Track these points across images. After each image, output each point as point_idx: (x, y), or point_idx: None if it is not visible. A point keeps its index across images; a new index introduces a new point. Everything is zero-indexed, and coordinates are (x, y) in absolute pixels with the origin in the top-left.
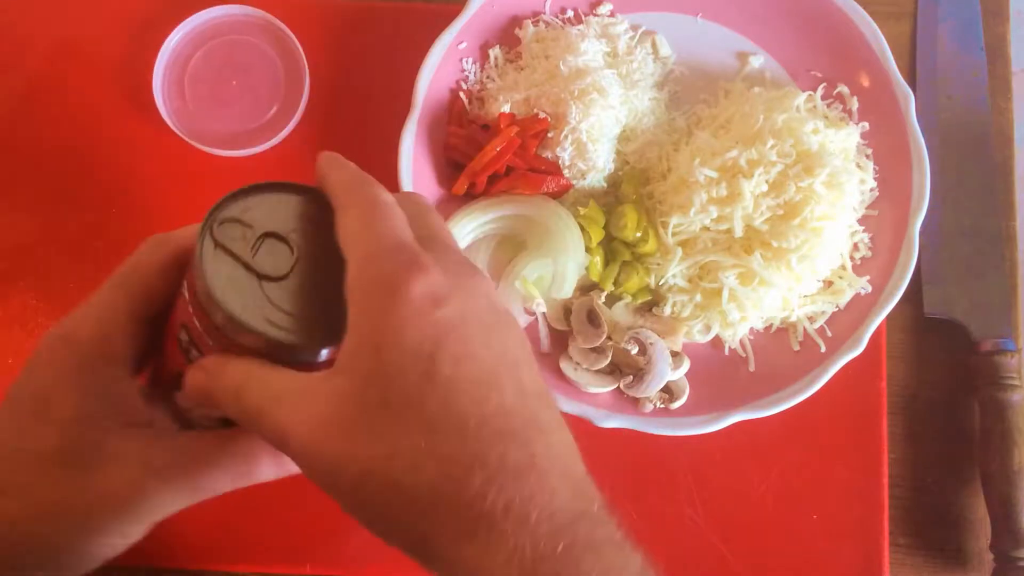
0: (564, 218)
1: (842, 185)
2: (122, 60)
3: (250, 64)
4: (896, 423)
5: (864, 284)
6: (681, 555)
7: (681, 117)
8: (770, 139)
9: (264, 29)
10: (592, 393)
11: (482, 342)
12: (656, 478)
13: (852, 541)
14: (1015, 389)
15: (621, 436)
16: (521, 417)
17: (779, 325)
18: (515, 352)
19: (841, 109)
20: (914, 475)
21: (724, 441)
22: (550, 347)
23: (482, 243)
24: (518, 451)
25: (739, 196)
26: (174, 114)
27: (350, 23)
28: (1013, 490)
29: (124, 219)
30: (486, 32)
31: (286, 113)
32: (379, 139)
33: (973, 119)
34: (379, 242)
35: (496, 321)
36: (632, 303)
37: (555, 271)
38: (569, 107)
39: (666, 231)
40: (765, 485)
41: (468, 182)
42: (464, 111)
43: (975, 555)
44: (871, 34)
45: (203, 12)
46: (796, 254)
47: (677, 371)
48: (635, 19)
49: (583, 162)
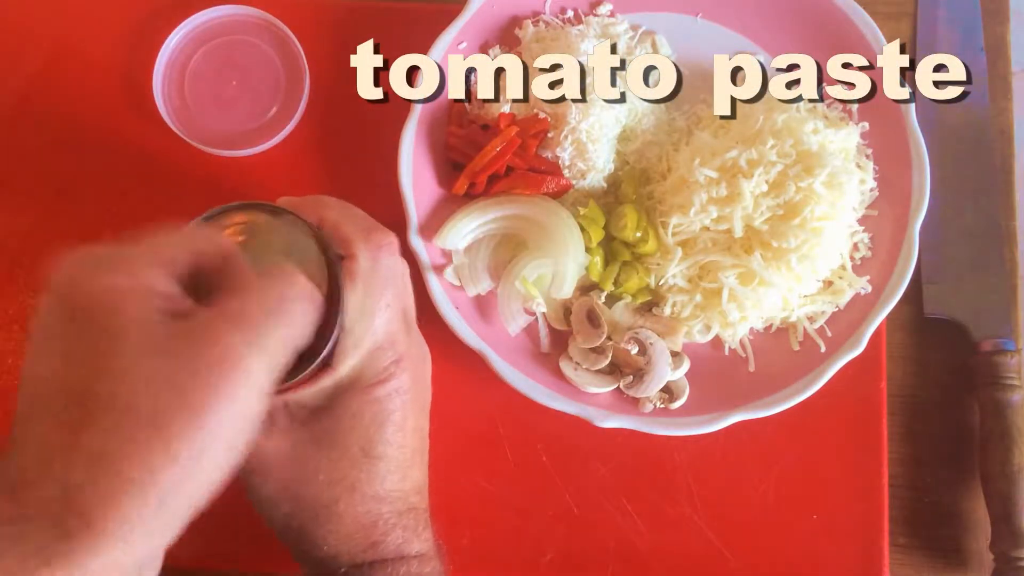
0: (564, 218)
1: (842, 185)
2: (122, 60)
3: (250, 64)
4: (896, 423)
5: (864, 284)
6: (681, 555)
7: (681, 117)
8: (770, 139)
9: (264, 29)
10: (592, 393)
11: (412, 426)
12: (656, 478)
13: (852, 541)
14: (1015, 389)
15: (621, 436)
16: (421, 494)
17: (779, 325)
18: (426, 431)
19: (841, 109)
20: (914, 475)
21: (724, 441)
22: (550, 347)
23: (482, 243)
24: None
25: (739, 196)
26: (174, 114)
27: (350, 23)
28: (1013, 490)
29: (124, 219)
30: (486, 32)
31: (286, 113)
32: (379, 139)
33: (973, 119)
34: (375, 338)
35: (425, 402)
36: (632, 303)
37: (555, 271)
38: (569, 107)
39: (666, 231)
40: (765, 485)
41: (468, 182)
42: (464, 111)
43: (975, 555)
44: (871, 34)
45: (203, 12)
46: (796, 254)
47: (677, 371)
48: (635, 19)
49: (583, 162)
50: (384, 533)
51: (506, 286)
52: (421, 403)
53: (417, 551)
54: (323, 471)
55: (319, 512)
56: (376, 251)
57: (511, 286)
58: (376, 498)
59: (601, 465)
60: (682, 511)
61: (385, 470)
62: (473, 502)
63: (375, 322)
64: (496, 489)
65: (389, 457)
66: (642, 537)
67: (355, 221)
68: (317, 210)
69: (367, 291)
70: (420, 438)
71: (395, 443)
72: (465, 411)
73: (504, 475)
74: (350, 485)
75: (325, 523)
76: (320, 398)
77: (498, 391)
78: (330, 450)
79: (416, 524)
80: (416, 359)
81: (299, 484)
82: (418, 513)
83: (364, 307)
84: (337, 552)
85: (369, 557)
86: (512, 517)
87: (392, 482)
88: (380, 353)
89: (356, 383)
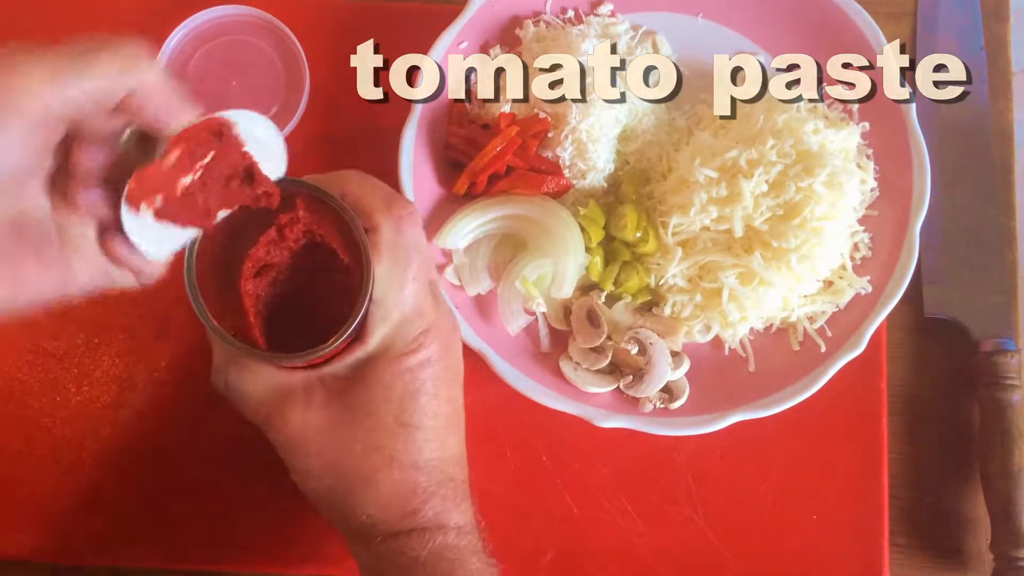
0: (564, 218)
1: (842, 185)
2: None
3: (250, 64)
4: (896, 423)
5: (864, 284)
6: (681, 555)
7: (681, 117)
8: (770, 139)
9: (264, 29)
10: (592, 393)
11: (446, 396)
12: (656, 478)
13: (852, 541)
14: (1015, 389)
15: (621, 436)
16: (459, 465)
17: (779, 325)
18: (461, 401)
19: (841, 109)
20: (914, 475)
21: (724, 441)
22: (550, 347)
23: (482, 243)
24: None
25: (739, 196)
26: None
27: (350, 23)
28: (1013, 490)
29: None
30: (487, 32)
31: (286, 113)
32: (379, 139)
33: (973, 119)
34: (403, 309)
35: (457, 372)
36: (632, 303)
37: (555, 271)
38: (569, 107)
39: (666, 231)
40: (765, 485)
41: (468, 182)
42: (464, 111)
43: (975, 555)
44: (871, 34)
45: (203, 12)
46: (796, 254)
47: (677, 371)
48: (636, 19)
49: (583, 162)
50: (423, 502)
51: (506, 286)
52: (453, 372)
53: (456, 523)
54: (359, 441)
55: (358, 482)
56: (398, 222)
57: (511, 286)
58: (414, 467)
59: (601, 465)
60: (682, 511)
61: (422, 439)
62: (473, 502)
63: (403, 292)
64: (496, 489)
65: (425, 426)
66: (642, 537)
67: (376, 193)
68: (339, 185)
69: (393, 261)
70: (454, 408)
71: (429, 412)
72: (465, 411)
73: (504, 475)
74: (388, 455)
75: (363, 492)
76: (353, 370)
77: (498, 391)
78: (365, 420)
79: (455, 495)
80: (445, 329)
81: (338, 456)
82: (456, 484)
83: (391, 277)
84: (375, 521)
85: (407, 525)
86: (512, 517)
87: (430, 451)
88: (409, 324)
89: (386, 354)
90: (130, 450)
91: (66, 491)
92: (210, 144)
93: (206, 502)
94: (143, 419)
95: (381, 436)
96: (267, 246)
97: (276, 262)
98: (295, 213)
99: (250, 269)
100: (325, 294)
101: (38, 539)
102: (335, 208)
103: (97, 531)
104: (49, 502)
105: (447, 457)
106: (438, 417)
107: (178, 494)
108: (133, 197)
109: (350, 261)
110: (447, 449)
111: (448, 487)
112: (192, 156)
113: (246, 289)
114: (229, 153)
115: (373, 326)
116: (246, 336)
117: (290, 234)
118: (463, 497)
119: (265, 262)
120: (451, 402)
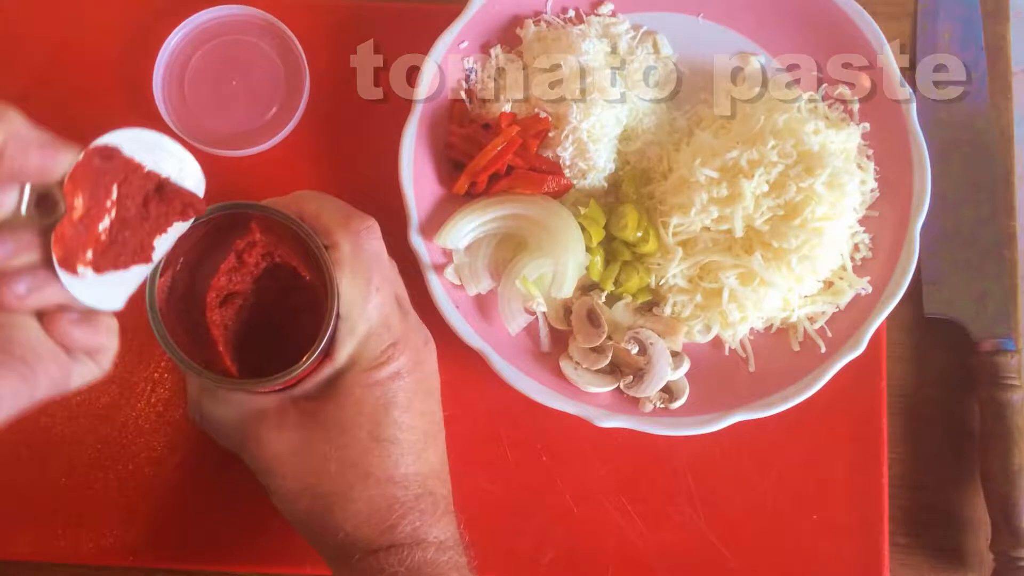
0: (565, 218)
1: (843, 186)
2: (122, 60)
3: (250, 64)
4: (896, 423)
5: (864, 284)
6: (681, 555)
7: (682, 117)
8: (771, 139)
9: (264, 29)
10: (592, 393)
11: (420, 409)
12: (656, 478)
13: (852, 541)
14: (1015, 389)
15: (621, 436)
16: (440, 479)
17: (779, 325)
18: (438, 416)
19: (842, 110)
20: (914, 475)
21: (724, 441)
22: (550, 347)
23: (482, 243)
24: (426, 500)
25: (740, 196)
26: (174, 114)
27: (350, 23)
28: (1013, 490)
29: None
30: (487, 32)
31: (286, 113)
32: (379, 139)
33: (973, 119)
34: (369, 322)
35: (431, 386)
36: (632, 303)
37: (555, 271)
38: (570, 107)
39: (666, 231)
40: (765, 485)
41: (469, 181)
42: (465, 110)
43: (975, 555)
44: (871, 34)
45: (203, 12)
46: (796, 254)
47: (677, 371)
48: (636, 19)
49: (584, 162)
50: (400, 517)
51: (506, 286)
52: (426, 386)
53: (435, 537)
54: (333, 460)
55: (334, 500)
56: (356, 236)
57: (511, 286)
58: (390, 481)
59: (601, 465)
60: (682, 511)
61: (397, 453)
62: (473, 502)
63: (368, 306)
64: (496, 489)
65: (399, 440)
66: (642, 537)
67: (333, 210)
68: (296, 205)
69: (354, 275)
70: (430, 421)
71: (404, 425)
72: (465, 411)
73: (504, 475)
74: (363, 471)
75: (340, 510)
76: (324, 388)
77: (498, 391)
78: (338, 438)
79: (434, 509)
80: (415, 342)
81: (314, 476)
82: (436, 499)
83: (354, 290)
84: (353, 539)
85: (385, 541)
86: (512, 517)
87: (406, 465)
88: (376, 337)
89: (355, 368)
90: (130, 450)
91: (66, 491)
92: (107, 176)
93: (206, 502)
94: (142, 419)
95: (355, 452)
96: (228, 274)
97: (240, 289)
98: (252, 236)
99: (215, 299)
100: (292, 313)
101: (38, 539)
102: (292, 227)
103: (97, 531)
104: (48, 502)
105: (425, 471)
106: (413, 430)
107: (178, 494)
108: (65, 262)
109: (313, 279)
110: (424, 463)
111: (427, 501)
112: (96, 198)
113: (213, 319)
114: (130, 178)
115: (340, 341)
116: (217, 366)
117: (249, 259)
118: (444, 512)
119: (229, 290)
120: (426, 415)
